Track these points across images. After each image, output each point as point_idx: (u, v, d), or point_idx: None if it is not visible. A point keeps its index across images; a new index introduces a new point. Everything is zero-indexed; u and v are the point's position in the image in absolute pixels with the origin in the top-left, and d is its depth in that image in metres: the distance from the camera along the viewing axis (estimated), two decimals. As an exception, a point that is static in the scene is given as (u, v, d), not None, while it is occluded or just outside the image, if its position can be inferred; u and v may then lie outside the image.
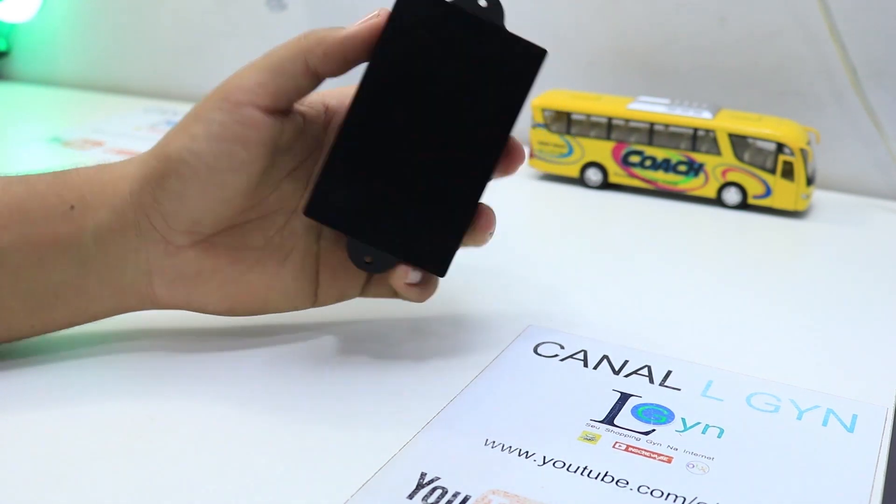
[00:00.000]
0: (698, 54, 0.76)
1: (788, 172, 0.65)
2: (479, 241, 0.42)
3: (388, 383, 0.42)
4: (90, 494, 0.34)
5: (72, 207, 0.40)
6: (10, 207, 0.40)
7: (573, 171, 0.72)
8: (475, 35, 0.39)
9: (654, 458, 0.37)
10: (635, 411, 0.41)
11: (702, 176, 0.68)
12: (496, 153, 0.40)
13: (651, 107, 0.69)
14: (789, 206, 0.66)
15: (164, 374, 0.42)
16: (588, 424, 0.39)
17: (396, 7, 0.39)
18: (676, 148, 0.68)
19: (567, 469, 0.36)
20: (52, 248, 0.40)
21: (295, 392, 0.41)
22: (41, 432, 0.38)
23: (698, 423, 0.40)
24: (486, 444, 0.38)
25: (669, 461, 0.37)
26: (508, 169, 0.42)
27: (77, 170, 0.42)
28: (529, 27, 0.81)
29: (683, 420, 0.40)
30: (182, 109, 0.92)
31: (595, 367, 0.44)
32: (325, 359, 0.44)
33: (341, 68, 0.41)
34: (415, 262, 0.41)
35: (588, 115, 0.71)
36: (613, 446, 0.38)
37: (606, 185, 0.71)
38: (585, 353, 0.45)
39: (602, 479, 0.36)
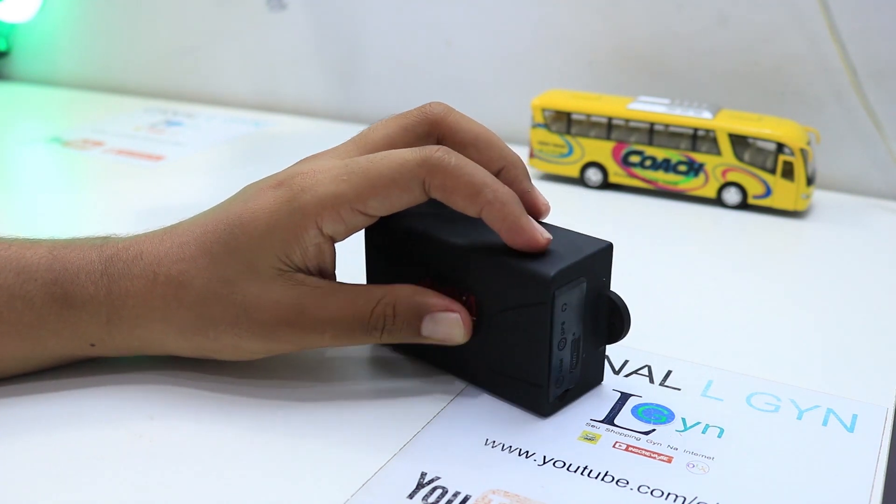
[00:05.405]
0: (698, 54, 0.76)
1: (788, 172, 0.65)
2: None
3: (388, 383, 0.42)
4: (90, 494, 0.34)
5: (92, 345, 0.41)
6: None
7: (573, 171, 0.72)
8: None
9: (654, 458, 0.37)
10: (635, 411, 0.41)
11: (702, 176, 0.68)
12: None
13: (651, 107, 0.69)
14: (789, 206, 0.66)
15: (164, 374, 0.42)
16: (588, 424, 0.39)
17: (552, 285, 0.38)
18: (676, 148, 0.68)
19: (567, 469, 0.36)
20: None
21: (295, 392, 0.41)
22: (40, 431, 0.38)
23: (698, 423, 0.40)
24: (486, 444, 0.38)
25: (669, 461, 0.37)
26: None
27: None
28: (529, 27, 0.82)
29: (683, 420, 0.40)
30: (182, 109, 0.93)
31: (595, 367, 0.44)
32: (325, 359, 0.44)
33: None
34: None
35: (588, 115, 0.71)
36: (613, 446, 0.38)
37: (606, 185, 0.71)
38: (585, 353, 0.45)
39: (602, 479, 0.36)
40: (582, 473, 0.36)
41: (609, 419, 0.40)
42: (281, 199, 0.39)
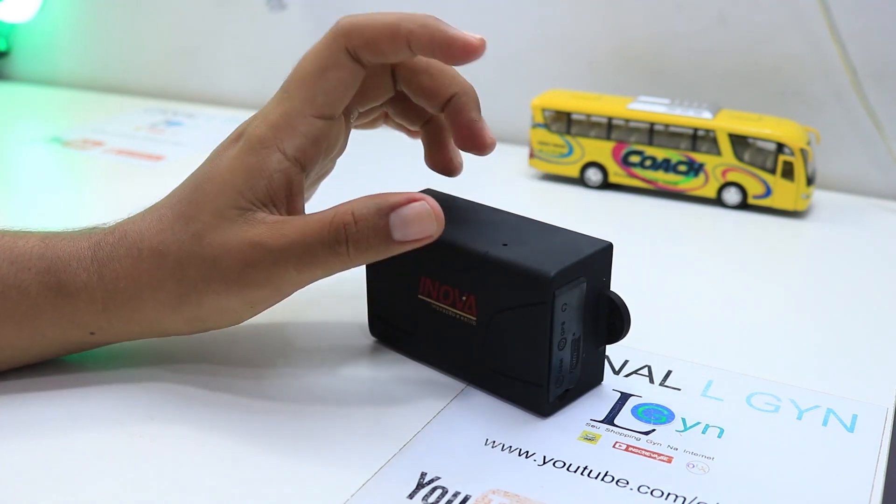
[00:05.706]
0: (698, 54, 0.76)
1: (788, 172, 0.65)
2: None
3: (388, 383, 0.42)
4: (90, 494, 0.34)
5: (92, 333, 0.41)
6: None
7: (573, 171, 0.72)
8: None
9: (654, 458, 0.37)
10: (635, 411, 0.41)
11: (702, 176, 0.68)
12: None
13: (651, 107, 0.69)
14: (789, 206, 0.66)
15: (164, 374, 0.42)
16: (588, 424, 0.39)
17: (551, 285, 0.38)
18: (676, 148, 0.68)
19: (567, 469, 0.36)
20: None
21: (295, 391, 0.41)
22: (39, 431, 0.38)
23: (698, 423, 0.40)
24: (486, 444, 0.38)
25: (669, 461, 0.37)
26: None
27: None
28: (530, 27, 0.82)
29: (683, 420, 0.40)
30: (182, 109, 0.93)
31: (595, 367, 0.44)
32: (326, 359, 0.44)
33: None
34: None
35: (588, 115, 0.71)
36: (613, 446, 0.38)
37: (606, 185, 0.71)
38: (585, 353, 0.45)
39: (602, 479, 0.36)
40: (582, 473, 0.36)
41: (609, 419, 0.40)
42: (242, 146, 0.40)
